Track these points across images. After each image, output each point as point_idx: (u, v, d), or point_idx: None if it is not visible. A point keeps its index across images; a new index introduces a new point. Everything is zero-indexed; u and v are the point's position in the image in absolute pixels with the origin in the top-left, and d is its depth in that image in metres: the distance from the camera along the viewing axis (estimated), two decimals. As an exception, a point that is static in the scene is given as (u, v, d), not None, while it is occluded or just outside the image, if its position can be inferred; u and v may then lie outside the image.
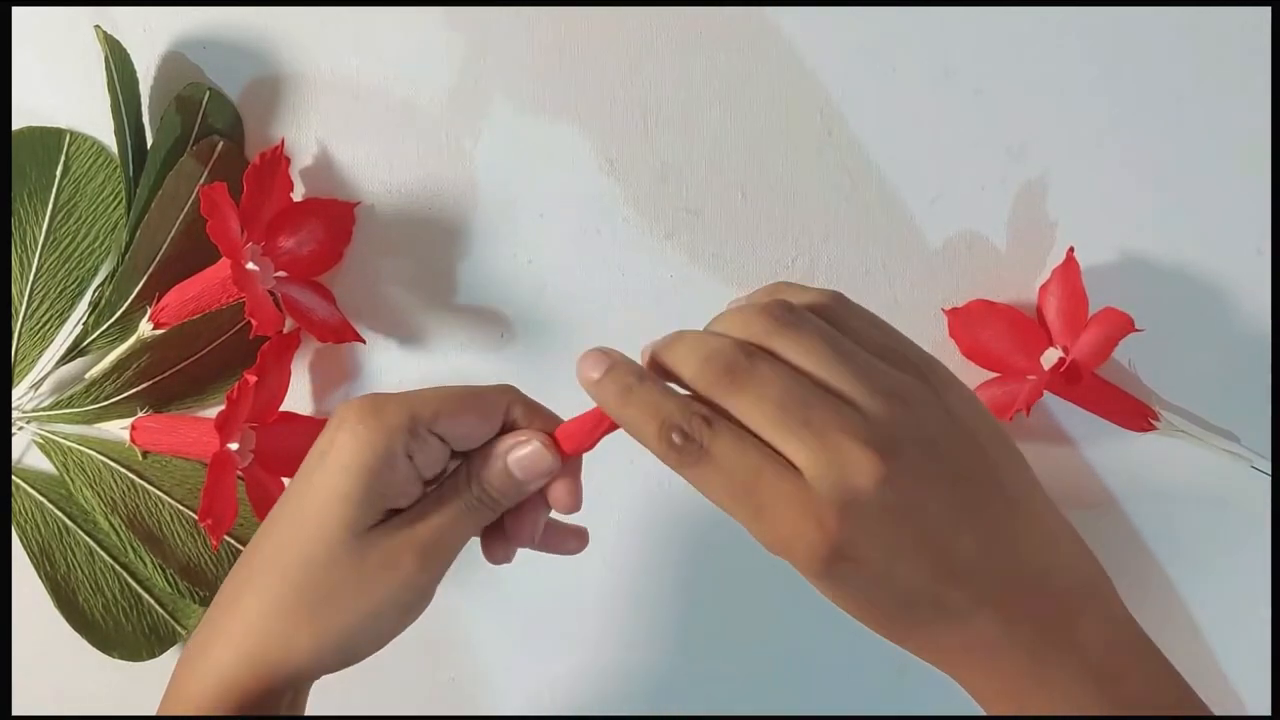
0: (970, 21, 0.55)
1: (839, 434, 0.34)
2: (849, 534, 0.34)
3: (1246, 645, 0.55)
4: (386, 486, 0.39)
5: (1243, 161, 0.55)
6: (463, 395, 0.40)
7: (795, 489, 0.34)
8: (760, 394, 0.35)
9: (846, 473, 0.34)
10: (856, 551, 0.34)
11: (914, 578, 0.35)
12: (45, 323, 0.58)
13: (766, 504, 0.34)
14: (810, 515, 0.34)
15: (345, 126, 0.58)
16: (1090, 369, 0.52)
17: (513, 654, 0.59)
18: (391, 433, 0.39)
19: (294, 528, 0.40)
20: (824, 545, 0.34)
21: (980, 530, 0.36)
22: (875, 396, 0.35)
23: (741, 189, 0.57)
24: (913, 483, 0.34)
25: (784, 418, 0.34)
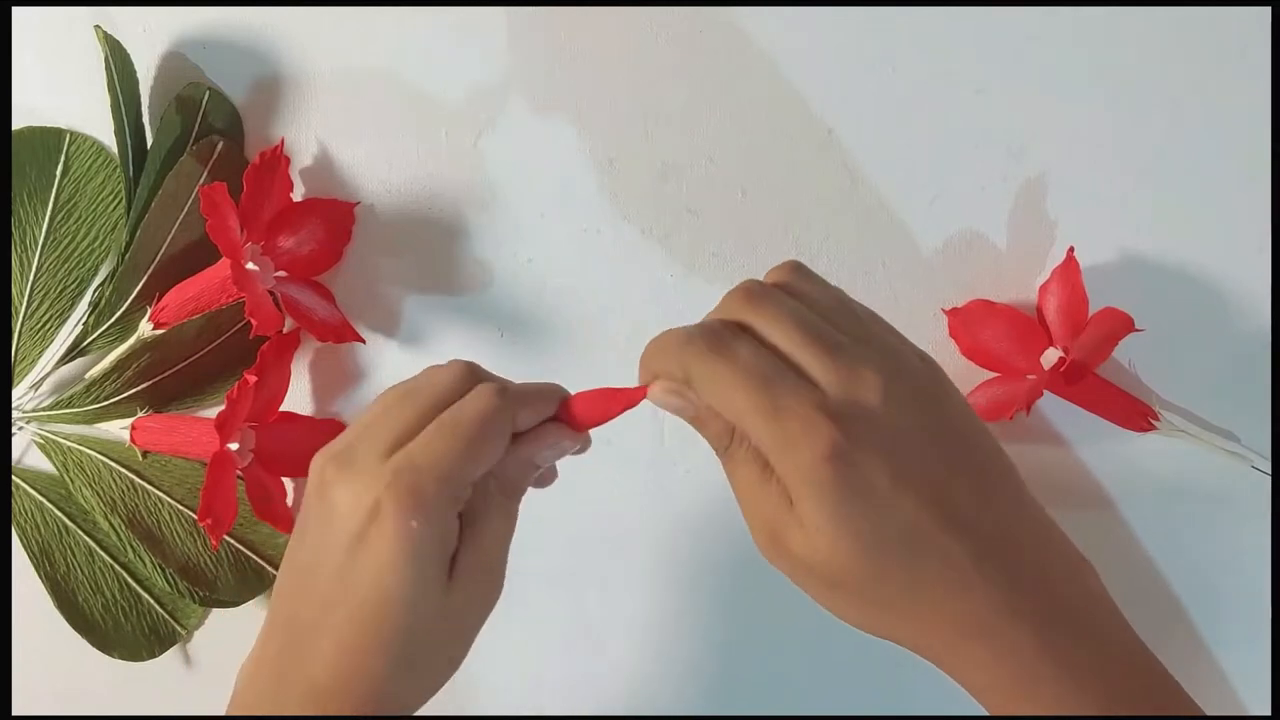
0: (970, 21, 0.55)
1: (852, 355, 0.37)
2: (859, 435, 0.35)
3: (1247, 645, 0.55)
4: (449, 550, 0.39)
5: (1243, 161, 0.55)
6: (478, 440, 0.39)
7: (809, 390, 0.36)
8: (779, 310, 0.38)
9: (858, 384, 0.36)
10: (864, 456, 0.35)
11: (919, 509, 0.35)
12: (45, 323, 0.58)
13: (783, 398, 0.36)
14: (823, 412, 0.35)
15: (345, 126, 0.58)
16: (1090, 369, 0.52)
17: (513, 654, 0.59)
18: (441, 513, 0.38)
19: (375, 613, 0.38)
20: (835, 439, 0.35)
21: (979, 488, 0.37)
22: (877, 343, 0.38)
23: (741, 189, 0.57)
24: (914, 418, 0.36)
25: (801, 332, 0.37)
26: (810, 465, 0.35)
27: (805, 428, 0.35)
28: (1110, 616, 0.38)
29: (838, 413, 0.35)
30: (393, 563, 0.38)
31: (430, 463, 0.38)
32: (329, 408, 0.59)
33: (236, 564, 0.58)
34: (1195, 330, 0.55)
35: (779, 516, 0.37)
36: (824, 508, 0.35)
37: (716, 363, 0.37)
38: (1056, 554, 0.38)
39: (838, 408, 0.36)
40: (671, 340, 0.38)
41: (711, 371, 0.37)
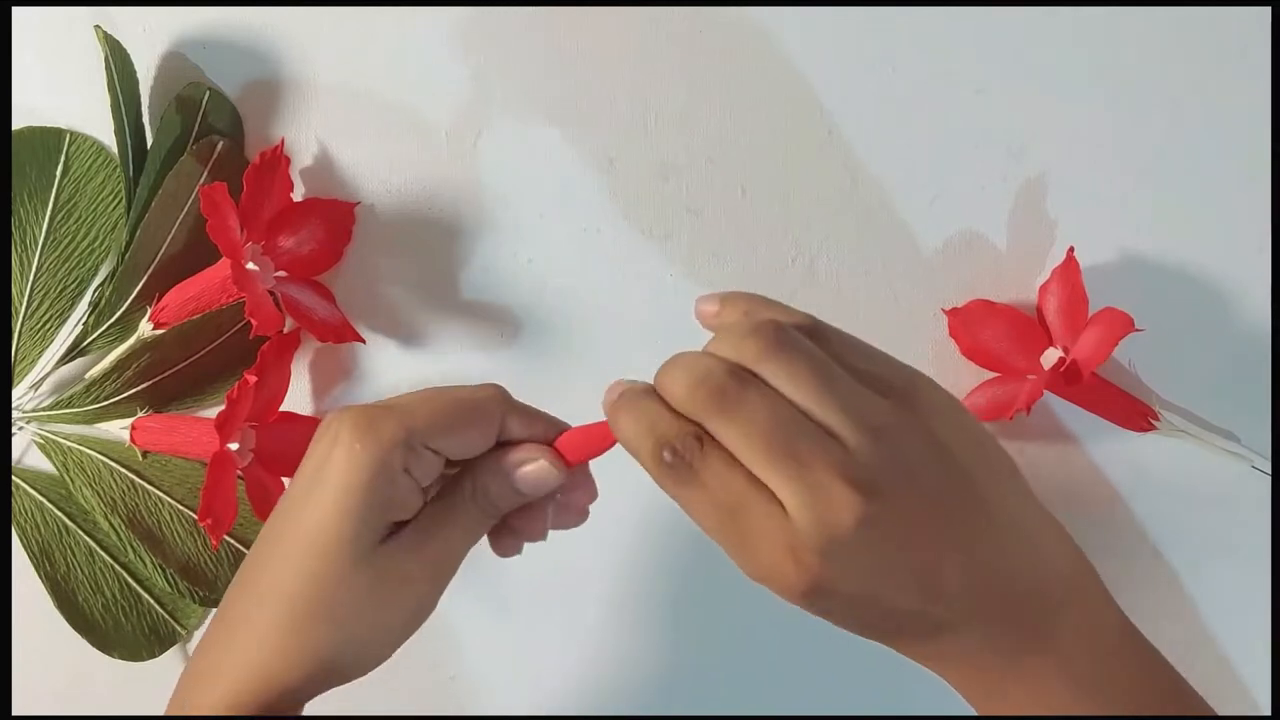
0: (970, 21, 0.55)
1: (823, 471, 0.34)
2: (828, 572, 0.34)
3: (1247, 645, 0.55)
4: (388, 502, 0.39)
5: (1243, 161, 0.55)
6: (458, 409, 0.40)
7: (777, 524, 0.34)
8: (749, 422, 0.35)
9: (829, 511, 0.34)
10: (835, 587, 0.35)
11: (898, 601, 0.36)
12: (45, 323, 0.58)
13: (748, 534, 0.35)
14: (790, 552, 0.34)
15: (345, 126, 0.58)
16: (1090, 369, 0.52)
17: (513, 653, 0.59)
18: (389, 450, 0.39)
19: (300, 546, 0.40)
20: (802, 582, 0.35)
21: (963, 553, 0.36)
22: (860, 431, 0.35)
23: (742, 188, 0.57)
24: (895, 518, 0.35)
25: (770, 451, 0.34)
26: (784, 596, 0.36)
27: (774, 567, 0.35)
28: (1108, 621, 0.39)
29: (807, 552, 0.34)
30: (330, 485, 0.39)
31: (400, 409, 0.39)
32: (329, 408, 0.59)
33: (236, 564, 0.58)
34: (1195, 330, 0.55)
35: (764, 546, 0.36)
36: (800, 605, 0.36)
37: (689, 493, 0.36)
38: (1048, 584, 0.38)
39: (807, 545, 0.34)
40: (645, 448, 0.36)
41: (685, 502, 0.36)
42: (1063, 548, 0.39)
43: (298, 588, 0.40)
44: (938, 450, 0.36)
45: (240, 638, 0.41)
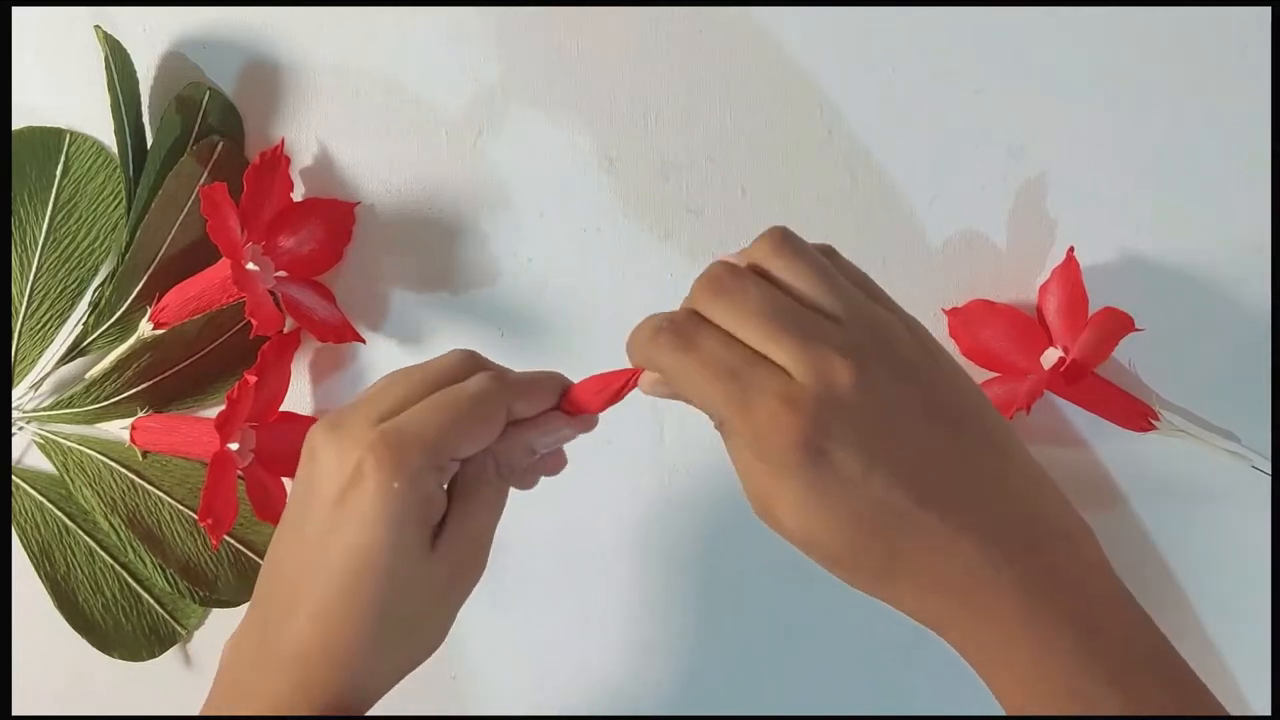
0: (970, 21, 0.55)
1: (820, 341, 0.36)
2: (827, 424, 0.35)
3: (1247, 646, 0.55)
4: (431, 518, 0.40)
5: (1243, 161, 0.55)
6: (468, 415, 0.40)
7: (776, 379, 0.36)
8: (745, 302, 0.37)
9: (827, 372, 0.35)
10: (833, 444, 0.35)
11: (891, 490, 0.36)
12: (45, 323, 0.58)
13: (748, 392, 0.36)
14: (790, 402, 0.35)
15: (345, 126, 0.58)
16: (1090, 369, 0.52)
17: (513, 653, 0.59)
18: (421, 479, 0.39)
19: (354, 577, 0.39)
20: (801, 430, 0.35)
21: (961, 458, 0.37)
22: (858, 319, 0.37)
23: (742, 188, 0.57)
24: (889, 398, 0.36)
25: (768, 324, 0.36)
26: (779, 455, 0.35)
27: (772, 418, 0.35)
28: (1094, 575, 0.38)
29: (806, 400, 0.35)
30: (372, 524, 0.38)
31: (417, 431, 0.39)
32: (329, 408, 0.59)
33: (237, 564, 0.58)
34: (1195, 330, 0.55)
35: (769, 492, 0.37)
36: (796, 493, 0.36)
37: (683, 358, 0.37)
38: (1046, 515, 0.38)
39: (806, 396, 0.35)
40: (641, 333, 0.38)
41: (680, 366, 0.37)
42: (1066, 505, 0.39)
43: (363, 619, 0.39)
44: (937, 367, 0.38)
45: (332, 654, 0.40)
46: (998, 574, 0.36)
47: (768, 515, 0.38)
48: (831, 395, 0.35)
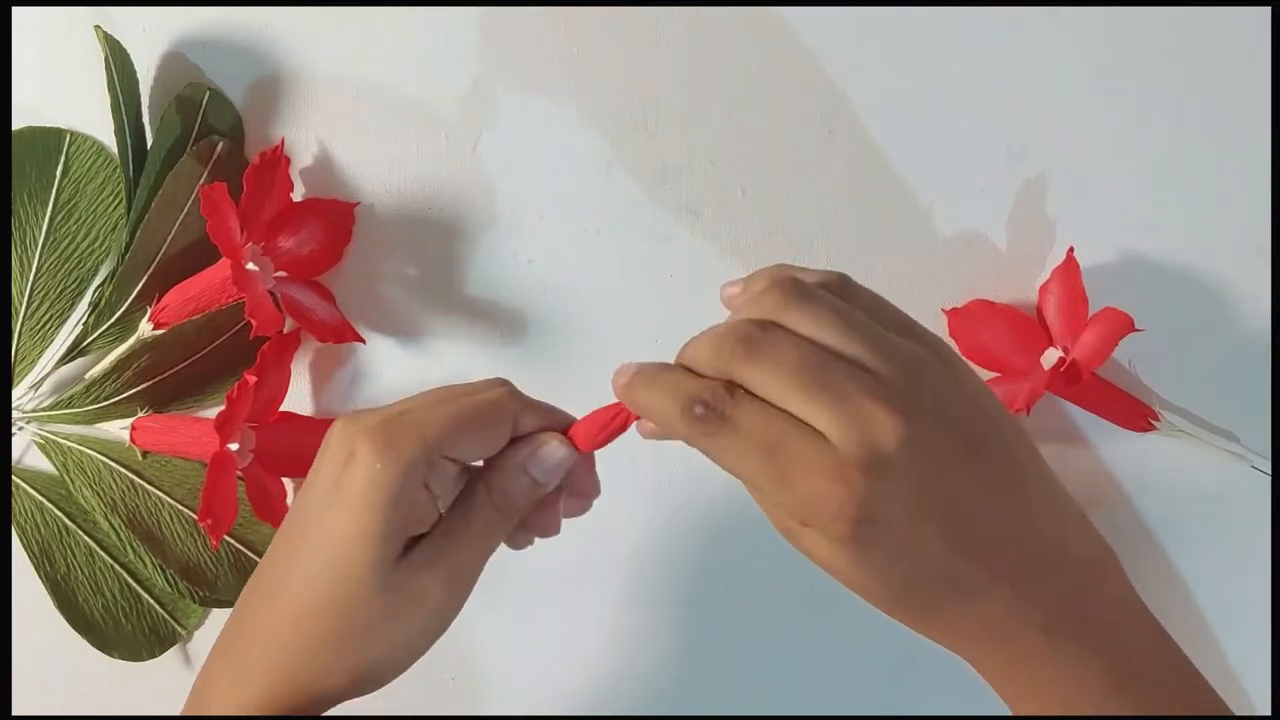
0: (970, 21, 0.55)
1: (860, 396, 0.34)
2: (875, 493, 0.34)
3: (1247, 646, 0.55)
4: (408, 519, 0.39)
5: (1243, 161, 0.55)
6: (471, 414, 0.40)
7: (819, 451, 0.34)
8: (777, 362, 0.35)
9: (871, 433, 0.34)
10: (881, 513, 0.34)
11: (935, 548, 0.35)
12: (45, 323, 0.58)
13: (791, 467, 0.34)
14: (836, 474, 0.34)
15: (345, 126, 0.58)
16: (1090, 369, 0.52)
17: (513, 654, 0.59)
18: (409, 467, 0.38)
19: (319, 566, 0.39)
20: (851, 505, 0.34)
21: (997, 504, 0.36)
22: (890, 363, 0.35)
23: (742, 189, 0.57)
24: (933, 447, 0.35)
25: (803, 383, 0.34)
26: (826, 527, 0.34)
27: (817, 494, 0.34)
28: (1124, 604, 0.38)
29: (851, 472, 0.34)
30: (350, 506, 0.38)
31: (415, 421, 0.39)
32: (329, 408, 0.59)
33: (236, 564, 0.58)
34: (1195, 330, 0.55)
35: (807, 546, 0.36)
36: (843, 558, 0.35)
37: (723, 441, 0.35)
38: (1071, 549, 0.38)
39: (851, 466, 0.34)
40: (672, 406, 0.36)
41: (719, 449, 0.35)
42: (1089, 529, 0.39)
43: (317, 608, 0.39)
44: (967, 396, 0.36)
45: (260, 653, 0.41)
46: (1029, 613, 0.36)
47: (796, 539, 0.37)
48: (877, 460, 0.34)
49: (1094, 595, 0.37)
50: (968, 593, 0.36)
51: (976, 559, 0.35)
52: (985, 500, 0.36)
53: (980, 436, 0.36)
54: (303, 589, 0.40)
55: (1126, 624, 0.38)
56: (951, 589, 0.36)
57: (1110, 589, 0.38)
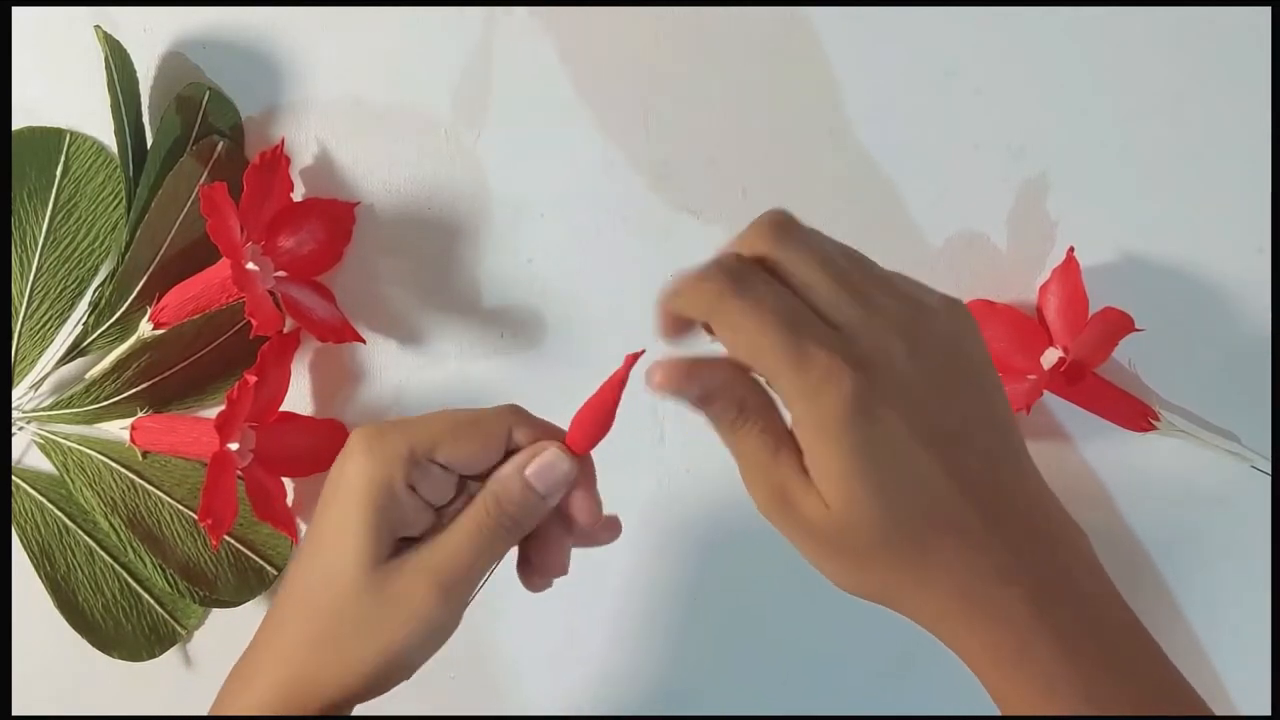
0: (970, 21, 0.55)
1: (877, 306, 0.35)
2: (884, 388, 0.34)
3: (1247, 646, 0.55)
4: (391, 517, 0.40)
5: (1243, 161, 0.55)
6: (463, 421, 0.41)
7: (834, 337, 0.35)
8: (806, 253, 0.36)
9: (884, 341, 0.35)
10: (888, 410, 0.34)
11: (935, 475, 0.35)
12: (45, 323, 0.58)
13: (806, 343, 0.34)
14: (847, 360, 0.34)
15: (345, 126, 0.58)
16: (1090, 369, 0.52)
17: (511, 654, 0.59)
18: (390, 463, 0.39)
19: (318, 560, 0.41)
20: (856, 391, 0.34)
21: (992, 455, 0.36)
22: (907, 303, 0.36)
23: (742, 189, 0.57)
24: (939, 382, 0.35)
25: (830, 278, 0.35)
26: (832, 414, 0.34)
27: (829, 375, 0.34)
28: (1102, 585, 0.38)
29: (861, 361, 0.34)
30: (340, 501, 0.40)
31: (406, 424, 0.40)
32: (329, 408, 0.59)
33: (236, 564, 0.58)
34: (1195, 330, 0.55)
35: (791, 480, 0.36)
36: (845, 457, 0.34)
37: (739, 304, 0.35)
38: (1053, 520, 0.38)
39: (861, 356, 0.34)
40: (690, 280, 0.36)
41: (734, 313, 0.35)
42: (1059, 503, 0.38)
43: (315, 604, 0.41)
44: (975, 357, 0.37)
45: (268, 651, 0.42)
46: (1020, 577, 0.36)
47: (782, 506, 0.36)
48: (887, 361, 0.34)
49: (1078, 568, 0.37)
50: (964, 536, 0.35)
51: (976, 503, 0.35)
52: (983, 451, 0.36)
53: (977, 390, 0.37)
54: (304, 585, 0.41)
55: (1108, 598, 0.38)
56: (948, 527, 0.35)
57: (1091, 562, 0.38)
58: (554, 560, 0.43)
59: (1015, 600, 0.36)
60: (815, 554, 0.37)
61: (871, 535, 0.35)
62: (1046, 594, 0.36)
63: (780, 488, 0.36)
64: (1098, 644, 0.36)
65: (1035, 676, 0.36)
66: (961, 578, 0.36)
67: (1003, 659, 0.36)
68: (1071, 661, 0.36)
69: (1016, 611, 0.36)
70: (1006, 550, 0.36)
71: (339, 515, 0.40)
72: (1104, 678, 0.36)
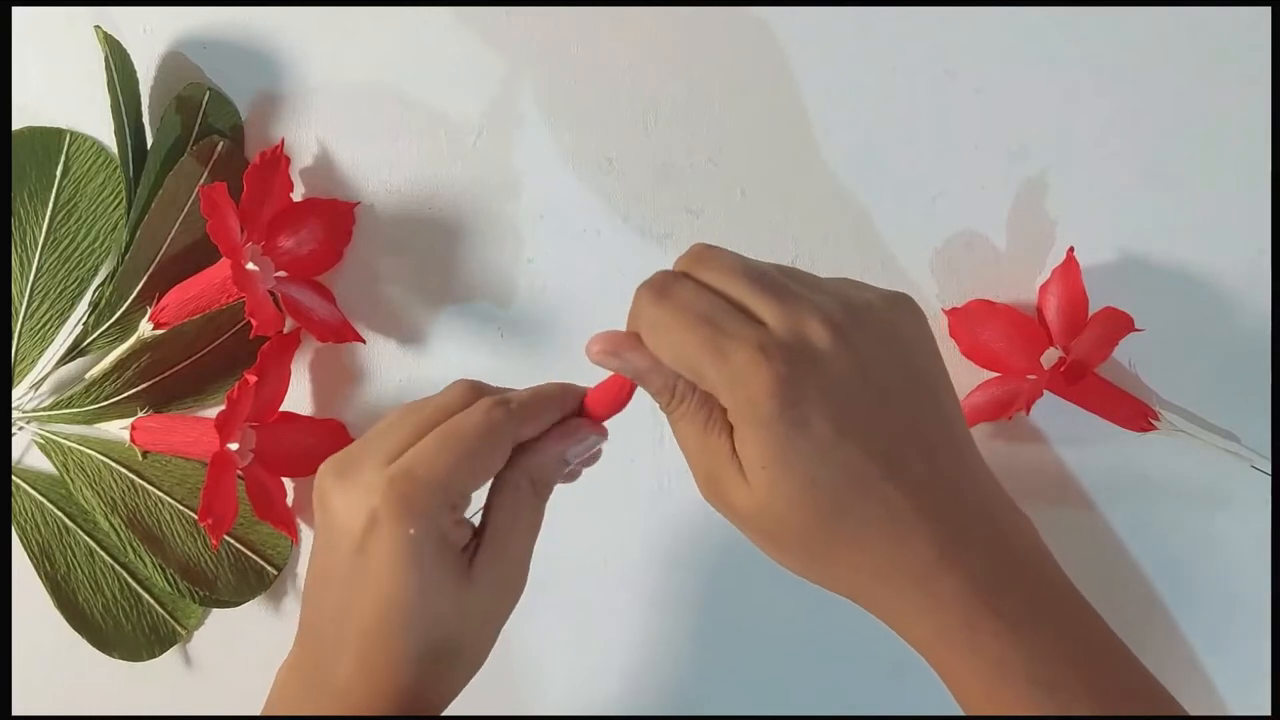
0: (970, 21, 0.55)
1: (798, 302, 0.36)
2: (803, 378, 0.35)
3: (1247, 646, 0.55)
4: (452, 551, 0.40)
5: (1243, 161, 0.55)
6: (476, 451, 0.39)
7: (755, 330, 0.36)
8: (727, 262, 0.38)
9: (803, 328, 0.36)
10: (808, 400, 0.35)
11: (860, 458, 0.35)
12: (45, 323, 0.58)
13: (725, 338, 0.35)
14: (768, 351, 0.35)
15: (345, 127, 0.58)
16: (1090, 369, 0.52)
17: (512, 654, 0.59)
18: (436, 521, 0.39)
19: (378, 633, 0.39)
20: (779, 378, 0.35)
21: (925, 436, 0.37)
22: (831, 290, 0.38)
23: (741, 189, 0.57)
24: (863, 366, 0.36)
25: (749, 281, 0.37)
26: (754, 401, 0.35)
27: (749, 363, 0.35)
28: (1047, 566, 0.38)
29: (782, 351, 0.35)
30: (396, 570, 0.38)
31: (426, 472, 0.39)
32: (329, 408, 0.59)
33: (236, 564, 0.58)
34: (1195, 330, 0.55)
35: (721, 465, 0.37)
36: (766, 445, 0.35)
37: (661, 307, 0.37)
38: (995, 504, 0.38)
39: (783, 346, 0.35)
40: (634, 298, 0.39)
41: (656, 316, 0.37)
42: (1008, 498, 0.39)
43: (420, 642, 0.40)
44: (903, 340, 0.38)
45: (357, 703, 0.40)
46: (959, 556, 0.36)
47: (716, 491, 0.38)
48: (808, 352, 0.35)
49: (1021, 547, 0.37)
50: (896, 520, 0.36)
51: (903, 488, 0.36)
52: (914, 434, 0.36)
53: (915, 379, 0.37)
54: (382, 650, 0.39)
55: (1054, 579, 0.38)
56: (880, 511, 0.35)
57: (1034, 542, 0.38)
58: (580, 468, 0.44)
59: (957, 583, 0.36)
60: (753, 538, 0.38)
61: (794, 521, 0.36)
62: (990, 577, 0.36)
63: (711, 472, 0.38)
64: (1046, 626, 0.36)
65: (983, 658, 0.36)
66: (896, 559, 0.36)
67: (949, 641, 0.36)
68: (1021, 644, 0.36)
69: (959, 594, 0.36)
70: (940, 534, 0.36)
71: (398, 579, 0.38)
72: (1055, 660, 0.36)
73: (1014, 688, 0.36)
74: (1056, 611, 0.37)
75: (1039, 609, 0.37)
